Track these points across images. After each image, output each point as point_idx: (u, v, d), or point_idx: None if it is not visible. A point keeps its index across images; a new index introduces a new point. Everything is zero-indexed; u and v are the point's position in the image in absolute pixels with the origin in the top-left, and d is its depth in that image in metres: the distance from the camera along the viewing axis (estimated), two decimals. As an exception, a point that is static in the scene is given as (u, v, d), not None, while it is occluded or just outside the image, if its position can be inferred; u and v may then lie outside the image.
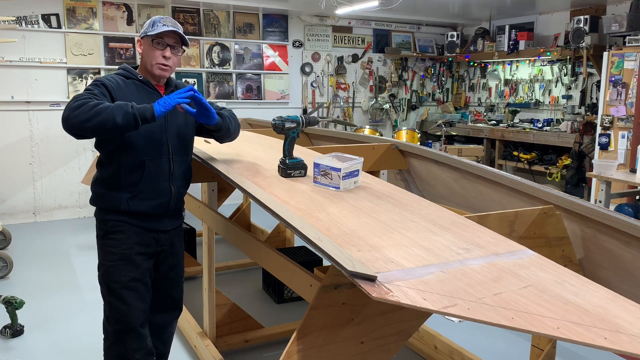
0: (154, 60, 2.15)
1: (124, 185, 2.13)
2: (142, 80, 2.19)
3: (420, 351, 3.14)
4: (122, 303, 2.16)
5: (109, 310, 2.21)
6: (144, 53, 2.18)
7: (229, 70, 6.71)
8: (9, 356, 3.02)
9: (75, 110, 1.89)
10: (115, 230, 2.15)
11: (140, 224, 2.18)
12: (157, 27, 2.12)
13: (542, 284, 1.34)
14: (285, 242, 4.57)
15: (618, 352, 1.09)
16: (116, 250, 2.15)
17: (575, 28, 5.92)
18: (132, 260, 2.16)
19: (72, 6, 5.83)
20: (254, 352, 3.14)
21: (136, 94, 2.14)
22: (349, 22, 7.43)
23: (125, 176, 2.12)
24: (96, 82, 2.09)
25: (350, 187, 2.11)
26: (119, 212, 2.14)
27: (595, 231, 2.09)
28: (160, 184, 2.18)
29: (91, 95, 1.97)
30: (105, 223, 2.17)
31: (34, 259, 4.64)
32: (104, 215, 2.18)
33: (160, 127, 2.16)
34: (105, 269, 2.18)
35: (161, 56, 2.15)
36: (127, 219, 2.15)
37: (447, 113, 7.92)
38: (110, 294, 2.18)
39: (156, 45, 2.14)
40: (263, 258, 2.35)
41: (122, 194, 2.13)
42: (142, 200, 2.15)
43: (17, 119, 5.69)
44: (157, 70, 2.16)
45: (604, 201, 4.28)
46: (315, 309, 1.54)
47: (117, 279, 2.15)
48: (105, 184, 2.16)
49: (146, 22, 2.20)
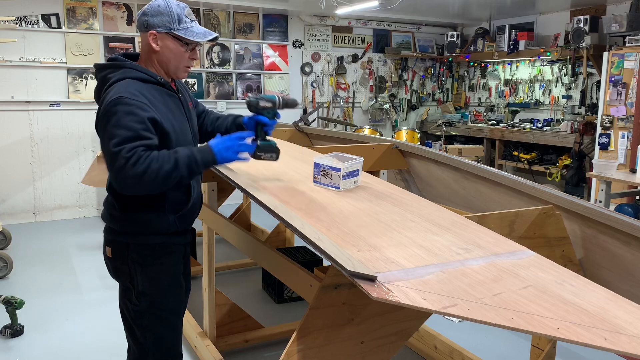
0: (181, 63, 1.87)
1: (170, 205, 1.88)
2: (162, 84, 1.87)
3: (420, 351, 3.14)
4: (170, 330, 1.94)
5: (153, 340, 1.92)
6: (167, 51, 1.84)
7: (229, 70, 6.71)
8: (9, 356, 3.02)
9: (140, 178, 1.65)
10: (162, 254, 1.89)
11: (182, 240, 1.98)
12: (187, 25, 1.83)
13: (542, 285, 1.34)
14: (285, 242, 4.57)
15: (618, 352, 1.09)
16: (166, 276, 1.90)
17: (575, 28, 5.92)
18: (180, 282, 1.96)
19: (72, 6, 5.83)
20: (254, 352, 3.14)
21: (163, 103, 1.83)
22: (349, 22, 7.42)
23: (172, 196, 1.87)
24: (131, 106, 1.69)
25: (351, 187, 2.11)
26: (163, 233, 1.89)
27: (595, 231, 2.09)
28: (197, 196, 2.00)
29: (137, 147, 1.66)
30: (151, 248, 1.87)
31: (34, 259, 4.64)
32: (148, 240, 1.87)
33: (190, 133, 1.95)
34: (152, 299, 1.88)
35: (190, 58, 1.88)
36: (174, 239, 1.92)
37: (447, 113, 7.91)
38: (157, 323, 1.91)
39: (186, 47, 1.85)
40: (263, 258, 2.35)
41: (169, 215, 1.88)
42: (187, 217, 1.96)
43: (17, 119, 5.69)
44: (182, 73, 1.89)
45: (604, 201, 4.28)
46: (315, 309, 1.53)
47: (167, 306, 1.91)
48: (145, 206, 1.85)
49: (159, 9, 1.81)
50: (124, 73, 1.80)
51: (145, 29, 1.83)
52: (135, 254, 1.86)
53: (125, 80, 1.77)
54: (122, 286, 1.93)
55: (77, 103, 5.89)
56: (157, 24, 1.81)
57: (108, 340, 3.20)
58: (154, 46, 1.83)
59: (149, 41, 1.83)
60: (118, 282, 1.95)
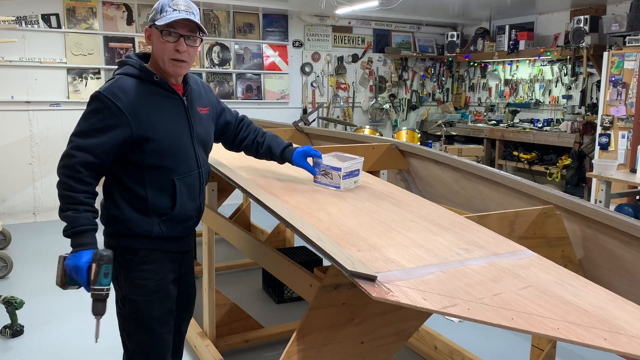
0: (165, 56, 1.76)
1: (153, 210, 1.82)
2: (159, 82, 1.81)
3: (420, 351, 3.14)
4: (154, 339, 1.89)
5: (137, 346, 1.90)
6: (154, 45, 1.79)
7: (229, 70, 6.71)
8: (9, 356, 3.02)
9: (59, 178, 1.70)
10: (146, 260, 1.84)
11: (172, 248, 1.90)
12: (167, 14, 1.73)
13: (542, 285, 1.34)
14: (285, 242, 4.57)
15: (618, 352, 1.09)
16: (150, 283, 1.84)
17: (575, 28, 5.92)
18: (167, 291, 1.89)
19: (72, 6, 5.83)
20: (254, 352, 3.14)
21: (152, 103, 1.78)
22: (349, 22, 7.42)
23: (154, 200, 1.81)
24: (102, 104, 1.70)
25: (351, 187, 2.11)
26: (150, 238, 1.83)
27: (595, 231, 2.09)
28: (190, 203, 1.90)
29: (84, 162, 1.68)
30: (134, 253, 1.82)
31: (34, 259, 4.64)
32: (131, 243, 1.82)
33: (189, 139, 1.87)
34: (134, 305, 1.85)
35: (174, 50, 1.76)
36: (159, 245, 1.85)
37: (447, 113, 7.91)
38: (141, 330, 1.88)
39: (167, 37, 1.75)
40: (263, 258, 2.35)
41: (152, 218, 1.82)
42: (175, 224, 1.87)
43: (17, 119, 5.69)
44: (171, 67, 1.78)
45: (604, 201, 4.28)
46: (315, 309, 1.53)
47: (151, 314, 1.86)
48: (129, 205, 1.81)
49: (154, 5, 1.80)
50: (123, 70, 1.81)
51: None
52: (119, 256, 1.82)
53: (118, 76, 1.78)
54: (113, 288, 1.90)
55: (77, 103, 5.88)
56: (149, 19, 1.81)
57: (108, 341, 3.18)
58: (147, 42, 1.82)
59: (145, 37, 1.84)
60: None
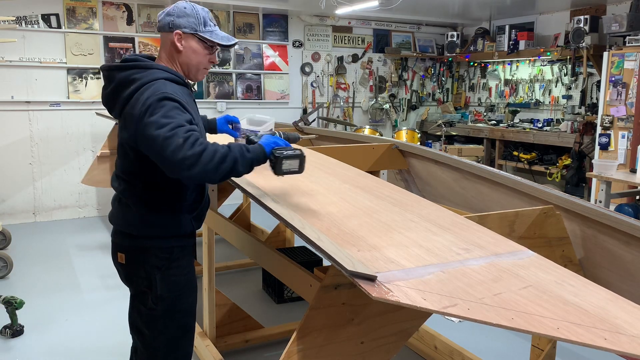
0: (202, 65, 1.90)
1: (186, 206, 1.89)
2: (186, 84, 1.90)
3: (420, 351, 3.14)
4: (185, 331, 1.96)
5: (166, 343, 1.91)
6: (190, 52, 1.86)
7: (229, 70, 6.71)
8: (9, 356, 3.02)
9: (198, 157, 1.60)
10: (179, 256, 1.89)
11: (194, 241, 1.99)
12: (211, 29, 1.88)
13: (542, 285, 1.34)
14: (285, 242, 4.57)
15: (618, 352, 1.09)
16: (183, 279, 1.91)
17: (575, 28, 5.92)
18: (194, 283, 1.98)
19: (72, 6, 5.83)
20: (254, 352, 3.14)
21: (192, 106, 1.88)
22: (349, 22, 7.42)
23: (190, 196, 1.88)
24: (177, 103, 1.71)
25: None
26: (181, 236, 1.90)
27: (595, 231, 2.09)
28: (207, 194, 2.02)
29: (191, 130, 1.66)
30: (170, 251, 1.87)
31: (34, 259, 4.64)
32: (167, 243, 1.87)
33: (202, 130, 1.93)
34: (169, 302, 1.88)
35: (209, 61, 1.92)
36: (188, 241, 1.93)
37: (447, 113, 7.92)
38: (174, 325, 1.91)
39: (209, 50, 1.90)
40: (263, 258, 2.35)
41: (185, 216, 1.89)
42: (202, 217, 1.99)
43: (17, 119, 5.69)
44: (201, 74, 1.93)
45: (604, 201, 4.27)
46: (315, 309, 1.53)
47: (182, 307, 1.92)
48: (165, 207, 1.85)
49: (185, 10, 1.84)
50: (154, 74, 1.77)
51: (169, 29, 1.83)
52: (154, 258, 1.84)
53: (159, 81, 1.76)
54: (135, 291, 1.91)
55: (77, 103, 5.89)
56: (184, 24, 1.82)
57: (108, 340, 3.20)
58: (179, 46, 1.83)
59: (174, 41, 1.83)
60: (130, 287, 1.93)
